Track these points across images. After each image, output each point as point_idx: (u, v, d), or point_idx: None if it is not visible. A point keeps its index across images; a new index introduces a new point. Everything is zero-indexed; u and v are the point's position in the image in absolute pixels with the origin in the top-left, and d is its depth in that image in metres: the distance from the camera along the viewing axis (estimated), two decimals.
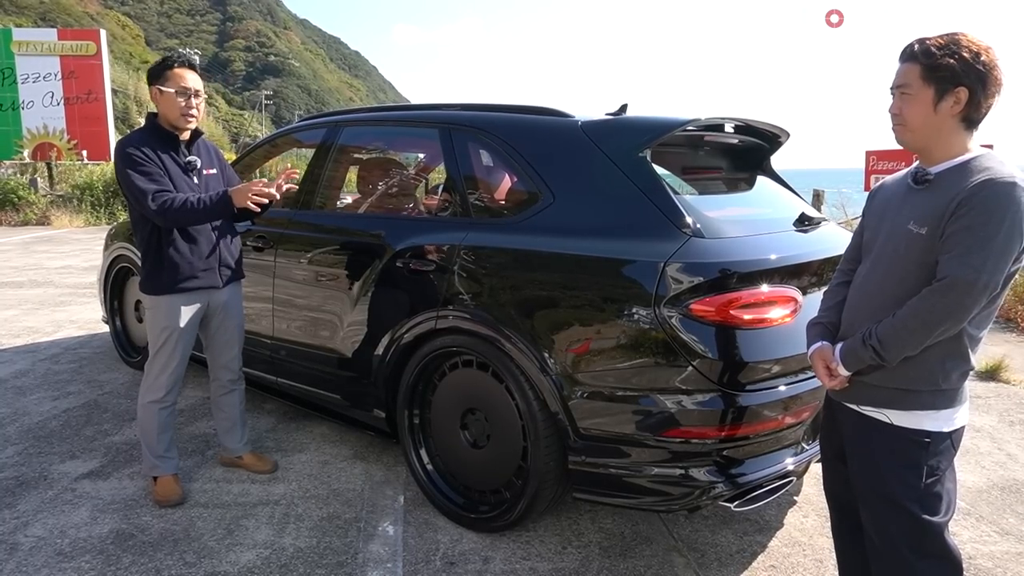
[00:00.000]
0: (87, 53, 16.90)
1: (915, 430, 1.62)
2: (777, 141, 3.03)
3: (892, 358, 1.58)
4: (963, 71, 1.54)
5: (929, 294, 1.52)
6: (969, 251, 1.47)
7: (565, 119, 2.66)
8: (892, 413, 1.64)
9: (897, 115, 1.63)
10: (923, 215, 1.57)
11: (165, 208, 2.55)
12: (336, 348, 3.10)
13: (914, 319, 1.54)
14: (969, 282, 1.47)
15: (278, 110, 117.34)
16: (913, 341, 1.55)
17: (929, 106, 1.57)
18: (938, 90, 1.56)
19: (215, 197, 2.62)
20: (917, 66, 1.59)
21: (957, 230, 1.49)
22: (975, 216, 1.48)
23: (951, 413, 1.63)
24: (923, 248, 1.56)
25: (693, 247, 2.20)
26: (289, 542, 2.53)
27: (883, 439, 1.66)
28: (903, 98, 1.61)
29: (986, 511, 2.85)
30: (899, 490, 1.63)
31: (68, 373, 4.48)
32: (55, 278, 8.12)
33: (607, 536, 2.61)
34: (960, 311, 1.50)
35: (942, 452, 1.63)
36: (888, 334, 1.57)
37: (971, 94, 1.55)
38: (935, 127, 1.59)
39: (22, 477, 3.01)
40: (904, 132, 1.63)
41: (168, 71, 2.67)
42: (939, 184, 1.58)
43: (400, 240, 2.85)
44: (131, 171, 2.60)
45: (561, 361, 2.31)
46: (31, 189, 15.42)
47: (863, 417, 1.71)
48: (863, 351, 1.62)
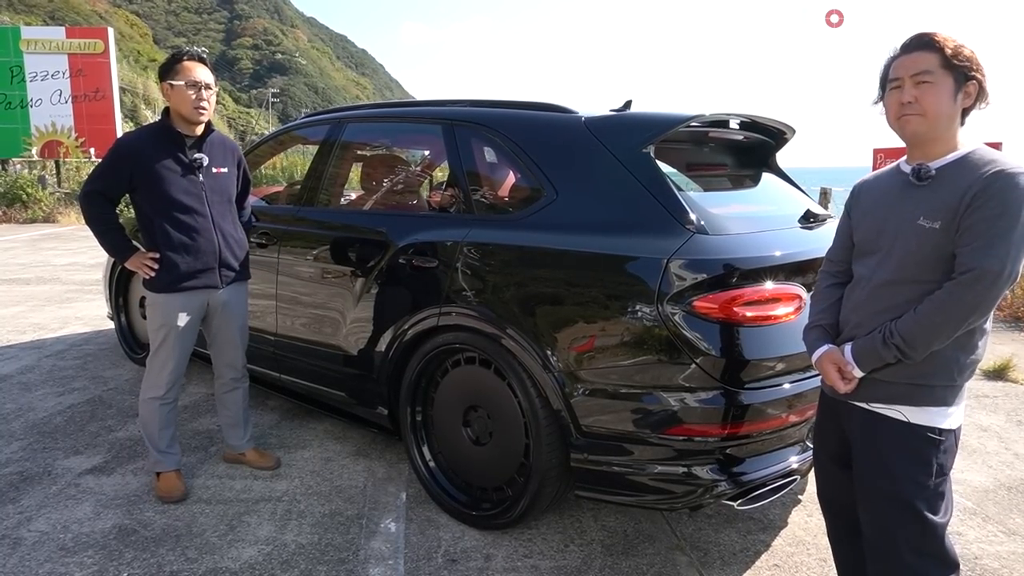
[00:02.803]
0: (95, 51, 16.94)
1: (929, 427, 1.60)
2: (782, 138, 3.01)
3: (919, 355, 1.56)
4: (975, 68, 1.56)
5: (955, 287, 1.50)
6: (992, 242, 1.47)
7: (569, 115, 2.64)
8: (907, 409, 1.61)
9: (911, 103, 1.58)
10: (934, 210, 1.55)
11: (84, 209, 2.75)
12: (339, 345, 3.10)
13: (941, 313, 1.52)
14: (996, 272, 1.47)
15: (285, 108, 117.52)
16: (941, 335, 1.53)
17: (950, 95, 1.56)
18: (956, 80, 1.56)
19: (118, 246, 2.77)
20: (935, 55, 1.56)
21: (976, 222, 1.49)
22: (993, 207, 1.47)
23: (958, 409, 1.63)
24: (938, 242, 1.55)
25: (697, 244, 2.18)
26: (291, 538, 2.53)
27: (895, 436, 1.63)
28: (922, 87, 1.57)
29: (993, 511, 2.82)
30: (908, 489, 1.60)
31: (73, 369, 4.49)
32: (62, 275, 8.16)
33: (609, 534, 2.60)
34: (988, 302, 1.50)
35: (950, 450, 1.62)
36: (912, 331, 1.54)
37: (980, 88, 1.57)
38: (951, 117, 1.58)
39: (26, 472, 3.02)
40: (920, 121, 1.58)
41: (178, 65, 2.69)
42: (944, 179, 1.57)
43: (403, 237, 2.84)
44: (102, 162, 2.74)
45: (564, 358, 2.30)
46: (39, 186, 15.51)
47: (872, 415, 1.67)
48: (885, 350, 1.58)
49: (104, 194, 2.72)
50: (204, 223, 2.75)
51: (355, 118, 3.52)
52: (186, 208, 2.71)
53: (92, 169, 2.84)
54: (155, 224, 2.70)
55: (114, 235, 2.76)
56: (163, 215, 2.69)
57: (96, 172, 2.75)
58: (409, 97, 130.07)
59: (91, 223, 2.74)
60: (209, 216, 2.77)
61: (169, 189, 2.68)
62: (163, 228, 2.68)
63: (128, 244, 2.77)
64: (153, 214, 2.70)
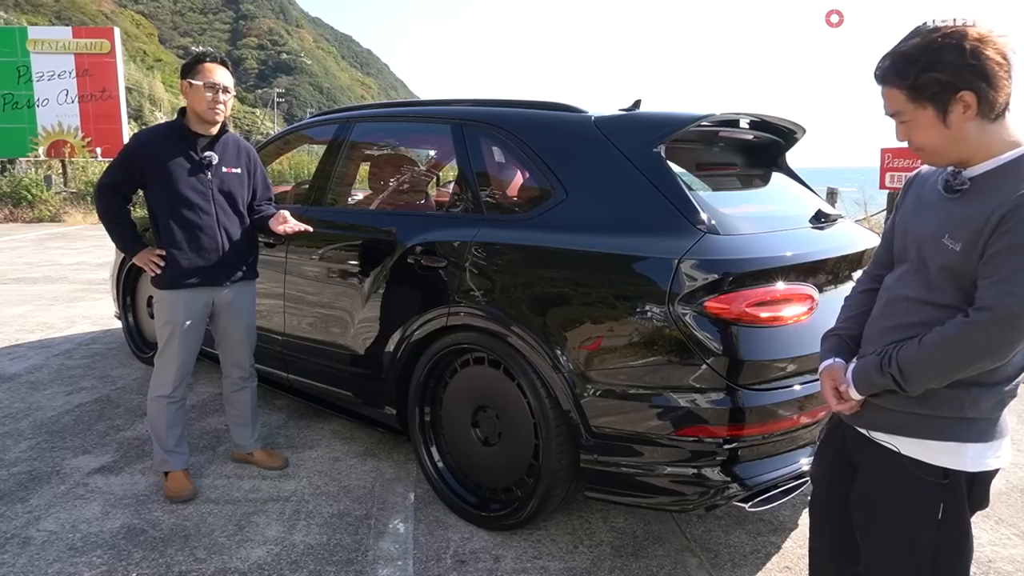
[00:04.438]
0: (101, 51, 16.97)
1: (928, 465, 1.37)
2: (793, 137, 2.99)
3: (914, 390, 1.35)
4: (956, 78, 1.27)
5: (965, 326, 1.27)
6: (1015, 277, 1.22)
7: (578, 114, 2.63)
8: (901, 441, 1.40)
9: (909, 143, 1.38)
10: (958, 228, 1.30)
11: (96, 202, 2.82)
12: (347, 345, 3.10)
13: (943, 352, 1.30)
14: (1015, 314, 1.22)
15: (290, 108, 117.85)
16: (939, 375, 1.32)
17: (936, 124, 1.32)
18: (937, 105, 1.30)
19: (127, 241, 2.82)
20: (898, 90, 1.34)
21: (1000, 250, 1.23)
22: (1022, 233, 1.21)
23: (982, 449, 1.36)
24: (957, 268, 1.31)
25: (708, 244, 2.17)
26: (299, 539, 2.53)
27: (891, 472, 1.42)
28: (903, 127, 1.37)
29: (1006, 514, 2.80)
30: (903, 538, 1.40)
31: (81, 368, 4.50)
32: (69, 274, 8.18)
33: (619, 536, 2.59)
34: (1002, 347, 1.26)
35: (962, 498, 1.36)
36: (911, 363, 1.33)
37: (978, 94, 1.27)
38: (957, 139, 1.32)
39: (35, 472, 3.02)
40: (928, 157, 1.38)
41: (199, 65, 2.75)
42: (978, 191, 1.31)
43: (411, 236, 2.83)
44: (117, 158, 2.80)
45: (574, 358, 2.29)
46: (45, 186, 15.56)
47: (873, 444, 1.46)
48: (879, 377, 1.39)
49: (116, 188, 2.78)
50: (208, 221, 2.77)
51: (363, 118, 3.51)
52: (191, 205, 2.73)
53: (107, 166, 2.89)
54: (161, 221, 2.73)
55: (123, 230, 2.80)
56: (169, 211, 2.72)
57: (110, 167, 2.81)
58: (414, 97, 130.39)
59: (102, 217, 2.80)
60: (214, 214, 2.78)
61: (176, 186, 2.70)
62: (168, 225, 2.72)
63: (137, 240, 2.81)
64: (160, 211, 2.73)
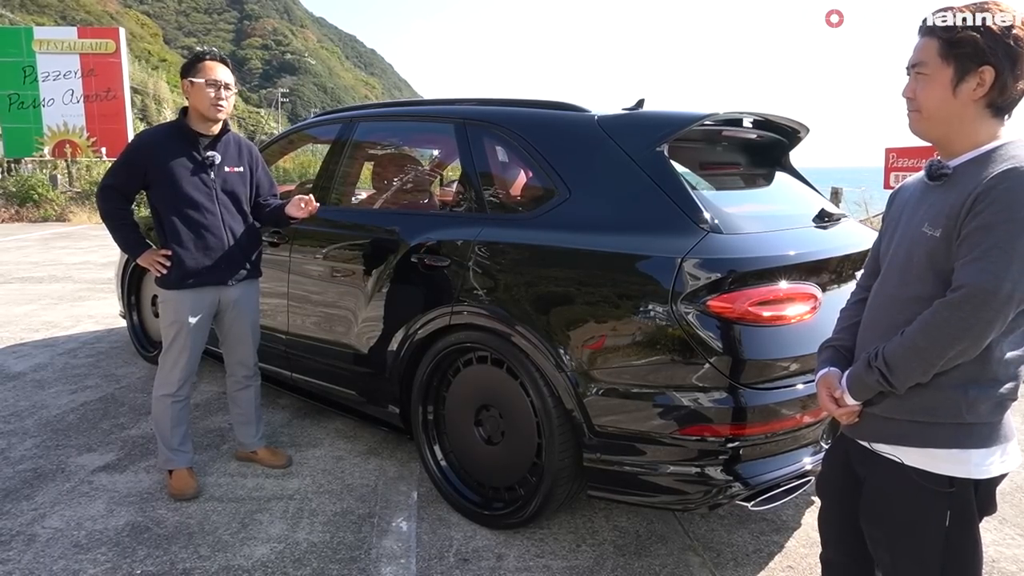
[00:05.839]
0: (106, 51, 17.02)
1: (933, 474, 1.34)
2: (796, 136, 2.99)
3: (900, 384, 1.33)
4: (989, 47, 1.27)
5: (942, 307, 1.27)
6: (987, 254, 1.22)
7: (581, 113, 2.63)
8: (904, 451, 1.37)
9: (911, 99, 1.38)
10: (937, 215, 1.32)
11: (99, 204, 2.79)
12: (351, 344, 3.10)
13: (924, 336, 1.29)
14: (989, 291, 1.21)
15: (294, 108, 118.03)
16: (922, 363, 1.30)
17: (947, 88, 1.32)
18: (958, 69, 1.31)
19: (130, 242, 2.80)
20: (935, 41, 1.33)
21: (973, 230, 1.24)
22: (995, 211, 1.22)
23: (986, 455, 1.34)
24: (938, 254, 1.31)
25: (711, 243, 2.17)
26: (303, 537, 2.53)
27: (897, 484, 1.40)
28: (918, 79, 1.36)
29: (1010, 513, 2.79)
30: (914, 549, 1.38)
31: (86, 367, 4.52)
32: (73, 273, 8.21)
33: (622, 534, 2.59)
34: (979, 327, 1.24)
35: (970, 505, 1.34)
36: (895, 355, 1.32)
37: (997, 74, 1.28)
38: (954, 114, 1.33)
39: (40, 469, 3.04)
40: (919, 120, 1.38)
41: (200, 63, 2.75)
42: (958, 179, 1.32)
43: (414, 236, 2.83)
44: (119, 159, 2.78)
45: (576, 357, 2.29)
46: (50, 186, 15.62)
47: (876, 457, 1.44)
48: (868, 375, 1.37)
49: (118, 189, 2.77)
50: (213, 220, 2.77)
51: (367, 117, 3.52)
52: (196, 205, 2.74)
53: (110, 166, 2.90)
54: (166, 221, 2.74)
55: (127, 231, 2.80)
56: (173, 212, 2.72)
57: (112, 168, 2.80)
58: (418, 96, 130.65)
59: (105, 218, 2.79)
60: (219, 214, 2.79)
61: (180, 186, 2.71)
62: (173, 225, 2.72)
63: (140, 241, 2.81)
64: (164, 211, 2.74)
